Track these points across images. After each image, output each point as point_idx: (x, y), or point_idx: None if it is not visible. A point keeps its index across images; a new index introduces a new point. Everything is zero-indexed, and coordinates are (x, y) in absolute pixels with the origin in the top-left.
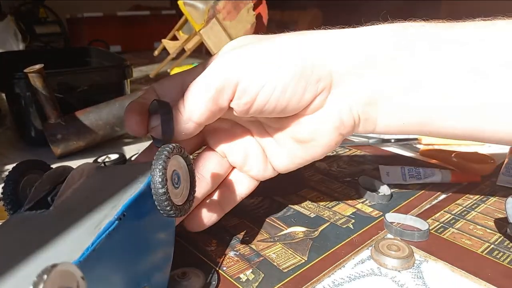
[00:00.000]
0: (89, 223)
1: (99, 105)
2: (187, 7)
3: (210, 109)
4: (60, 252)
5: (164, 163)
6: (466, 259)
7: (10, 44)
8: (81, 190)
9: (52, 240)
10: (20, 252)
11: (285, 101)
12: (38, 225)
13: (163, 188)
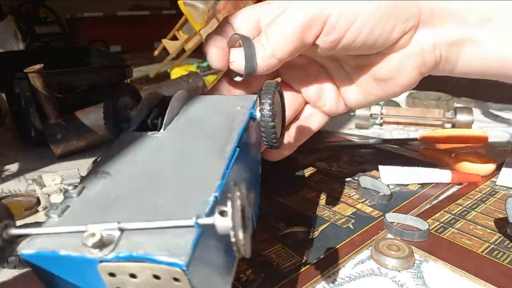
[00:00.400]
0: (210, 148)
1: (99, 105)
2: (187, 7)
3: (295, 45)
4: (199, 170)
5: (273, 98)
6: (466, 259)
7: (10, 44)
8: (187, 116)
9: (183, 160)
10: (159, 169)
11: (373, 39)
12: (156, 145)
13: (273, 122)
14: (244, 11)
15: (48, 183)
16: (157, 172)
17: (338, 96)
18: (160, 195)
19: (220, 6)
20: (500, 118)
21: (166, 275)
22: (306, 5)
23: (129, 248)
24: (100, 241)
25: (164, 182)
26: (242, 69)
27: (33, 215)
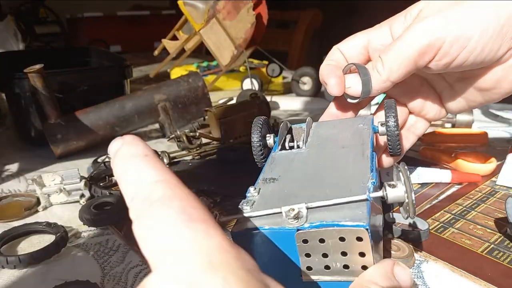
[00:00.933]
0: (351, 155)
1: (99, 105)
2: (187, 7)
3: (409, 70)
4: (348, 169)
5: (396, 112)
6: (466, 259)
7: (10, 44)
8: (318, 136)
9: (331, 164)
10: (315, 172)
11: (481, 58)
12: (304, 158)
13: (397, 131)
14: (353, 39)
15: (48, 183)
16: (315, 174)
17: (440, 104)
18: (325, 187)
19: (220, 6)
20: (500, 118)
21: (351, 236)
22: (425, 32)
23: (319, 219)
24: (298, 213)
25: (324, 179)
26: (358, 93)
27: (33, 215)
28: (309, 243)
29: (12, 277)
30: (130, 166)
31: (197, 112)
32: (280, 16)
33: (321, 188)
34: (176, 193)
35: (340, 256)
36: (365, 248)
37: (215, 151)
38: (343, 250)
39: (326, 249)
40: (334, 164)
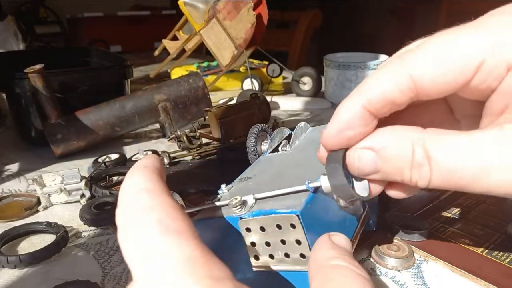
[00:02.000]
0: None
1: (99, 105)
2: (187, 7)
3: None
4: (312, 168)
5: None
6: (466, 259)
7: (10, 44)
8: (307, 139)
9: (302, 164)
10: (285, 170)
11: None
12: (284, 158)
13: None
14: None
15: (48, 183)
16: (283, 172)
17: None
18: (285, 182)
19: (220, 6)
20: None
21: (285, 223)
22: None
23: (259, 208)
24: (239, 202)
25: (288, 176)
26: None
27: (33, 215)
28: (252, 232)
29: (12, 277)
30: (128, 175)
31: (198, 112)
32: (280, 16)
33: (281, 183)
34: (158, 204)
35: (281, 244)
36: (300, 235)
37: (215, 151)
38: (282, 238)
39: (268, 238)
40: (304, 163)
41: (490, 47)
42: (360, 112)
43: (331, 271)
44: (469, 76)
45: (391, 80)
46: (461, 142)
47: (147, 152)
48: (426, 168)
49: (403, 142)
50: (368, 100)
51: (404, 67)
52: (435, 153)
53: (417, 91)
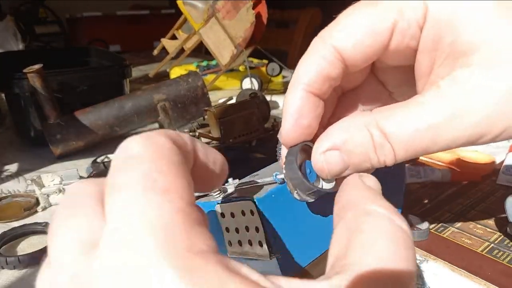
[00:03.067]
0: None
1: (99, 105)
2: (187, 7)
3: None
4: None
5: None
6: (466, 258)
7: (10, 44)
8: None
9: None
10: None
11: None
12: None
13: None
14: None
15: (47, 183)
16: None
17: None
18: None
19: (219, 5)
20: None
21: (247, 210)
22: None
23: (232, 195)
24: (222, 189)
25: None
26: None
27: (32, 216)
28: (225, 218)
29: (11, 278)
30: None
31: (197, 112)
32: (280, 15)
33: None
34: (151, 152)
35: (245, 231)
36: (257, 222)
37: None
38: (246, 224)
39: (237, 224)
40: None
41: (398, 9)
42: (304, 97)
43: (364, 219)
44: (386, 38)
45: (319, 57)
46: (408, 110)
47: None
48: (387, 146)
49: (358, 130)
50: (306, 83)
51: (326, 42)
52: (389, 129)
53: (345, 60)
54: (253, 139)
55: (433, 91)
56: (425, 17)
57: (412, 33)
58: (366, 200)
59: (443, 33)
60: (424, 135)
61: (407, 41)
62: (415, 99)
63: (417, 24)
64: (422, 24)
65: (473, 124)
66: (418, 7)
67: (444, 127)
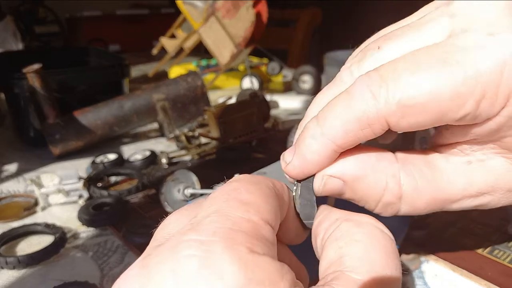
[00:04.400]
0: None
1: (98, 105)
2: (186, 6)
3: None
4: None
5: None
6: (466, 259)
7: (9, 44)
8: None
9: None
10: None
11: None
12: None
13: None
14: None
15: (46, 183)
16: None
17: None
18: None
19: (219, 4)
20: None
21: None
22: None
23: None
24: None
25: None
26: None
27: (32, 216)
28: None
29: (11, 278)
30: None
31: (196, 112)
32: (280, 14)
33: None
34: (247, 179)
35: None
36: None
37: (214, 151)
38: None
39: None
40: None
41: (480, 95)
42: (330, 156)
43: (357, 230)
44: (452, 122)
45: (367, 126)
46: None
47: (146, 151)
48: (396, 205)
49: (377, 175)
50: (340, 146)
51: (380, 111)
52: (407, 193)
53: (391, 129)
54: (253, 139)
55: (461, 164)
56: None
57: (485, 115)
58: (354, 214)
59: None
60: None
61: (475, 121)
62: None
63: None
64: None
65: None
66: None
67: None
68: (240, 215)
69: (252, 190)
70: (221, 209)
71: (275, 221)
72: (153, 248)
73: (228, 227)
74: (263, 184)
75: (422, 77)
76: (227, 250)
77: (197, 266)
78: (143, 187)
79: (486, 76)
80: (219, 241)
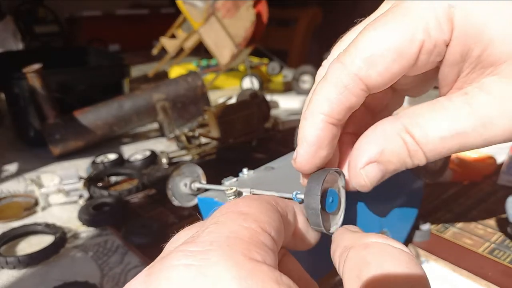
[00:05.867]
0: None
1: (98, 105)
2: (186, 6)
3: None
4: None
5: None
6: (467, 259)
7: (9, 43)
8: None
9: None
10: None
11: None
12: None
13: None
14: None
15: (46, 183)
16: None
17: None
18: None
19: (219, 4)
20: None
21: None
22: None
23: None
24: (234, 192)
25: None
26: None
27: (32, 216)
28: None
29: (11, 278)
30: None
31: (196, 112)
32: (280, 14)
33: (286, 183)
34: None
35: None
36: None
37: (214, 151)
38: None
39: None
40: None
41: (425, 28)
42: (324, 128)
43: (365, 252)
44: (412, 61)
45: (342, 87)
46: (436, 116)
47: (146, 151)
48: (420, 152)
49: (392, 139)
50: (327, 114)
51: (348, 69)
52: (419, 135)
53: (368, 88)
54: (253, 139)
55: (461, 97)
56: (452, 33)
57: (438, 51)
58: (360, 238)
59: (471, 47)
60: (452, 141)
61: (432, 59)
62: (441, 102)
63: (444, 42)
64: (449, 41)
65: (502, 129)
66: (444, 24)
67: (472, 133)
68: (238, 223)
69: (250, 204)
70: (219, 221)
71: (275, 232)
72: (157, 260)
73: (226, 235)
74: (263, 199)
75: (373, 34)
76: (223, 258)
77: (193, 274)
78: (143, 187)
79: (426, 11)
80: (216, 249)
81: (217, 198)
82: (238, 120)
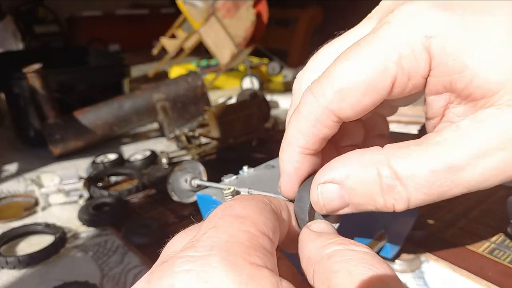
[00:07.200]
0: None
1: (98, 105)
2: (186, 6)
3: None
4: None
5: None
6: (467, 259)
7: (9, 43)
8: None
9: None
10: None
11: None
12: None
13: None
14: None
15: (46, 183)
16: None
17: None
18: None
19: (219, 4)
20: None
21: None
22: None
23: None
24: (232, 192)
25: None
26: None
27: (32, 216)
28: None
29: (11, 278)
30: None
31: (197, 112)
32: (280, 14)
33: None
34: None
35: None
36: None
37: (214, 151)
38: None
39: None
40: None
41: (397, 60)
42: (300, 159)
43: (330, 262)
44: (386, 93)
45: (314, 120)
46: (426, 149)
47: (146, 151)
48: (399, 188)
49: (365, 167)
50: (302, 146)
51: (320, 102)
52: (404, 170)
53: (341, 119)
54: (253, 139)
55: (453, 131)
56: (430, 64)
57: (413, 83)
58: (320, 249)
59: (453, 79)
60: (444, 177)
61: (408, 91)
62: (431, 138)
63: (420, 74)
64: (428, 73)
65: (504, 161)
66: (419, 55)
67: (467, 168)
68: (236, 227)
69: (245, 205)
70: (217, 225)
71: (273, 233)
72: (157, 266)
73: (225, 239)
74: (258, 200)
75: (345, 65)
76: (223, 262)
77: (194, 279)
78: (143, 187)
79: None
80: (215, 254)
81: (215, 196)
82: (238, 120)
